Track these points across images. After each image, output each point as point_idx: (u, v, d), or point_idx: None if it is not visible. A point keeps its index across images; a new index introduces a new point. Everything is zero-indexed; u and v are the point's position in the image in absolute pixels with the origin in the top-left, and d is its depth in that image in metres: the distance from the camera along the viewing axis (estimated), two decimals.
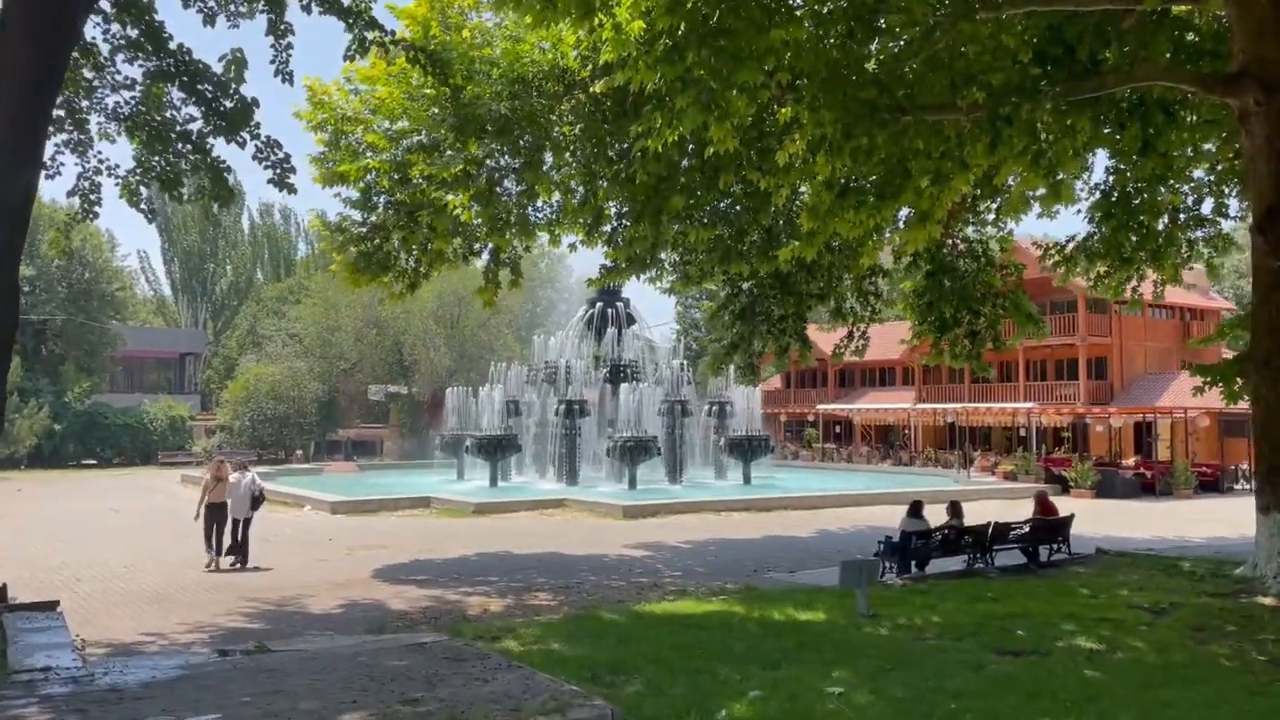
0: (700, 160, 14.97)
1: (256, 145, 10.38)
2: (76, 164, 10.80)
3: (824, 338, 28.21)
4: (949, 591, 12.59)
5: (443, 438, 37.55)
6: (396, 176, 16.58)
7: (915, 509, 15.05)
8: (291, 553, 18.31)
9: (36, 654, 7.65)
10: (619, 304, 37.19)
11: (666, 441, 33.17)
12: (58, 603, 9.57)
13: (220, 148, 12.35)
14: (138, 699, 6.64)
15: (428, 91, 15.91)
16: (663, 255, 17.84)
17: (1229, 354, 49.50)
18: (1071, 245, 19.69)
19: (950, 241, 20.26)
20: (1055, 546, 15.98)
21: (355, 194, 17.16)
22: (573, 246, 16.80)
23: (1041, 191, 15.56)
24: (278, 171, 10.64)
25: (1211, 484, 32.23)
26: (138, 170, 10.76)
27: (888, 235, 16.63)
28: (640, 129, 12.33)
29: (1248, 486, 34.12)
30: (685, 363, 36.35)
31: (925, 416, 45.56)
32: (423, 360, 54.15)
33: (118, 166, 11.06)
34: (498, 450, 33.04)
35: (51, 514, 25.74)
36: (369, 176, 16.80)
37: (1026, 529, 15.57)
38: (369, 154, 16.79)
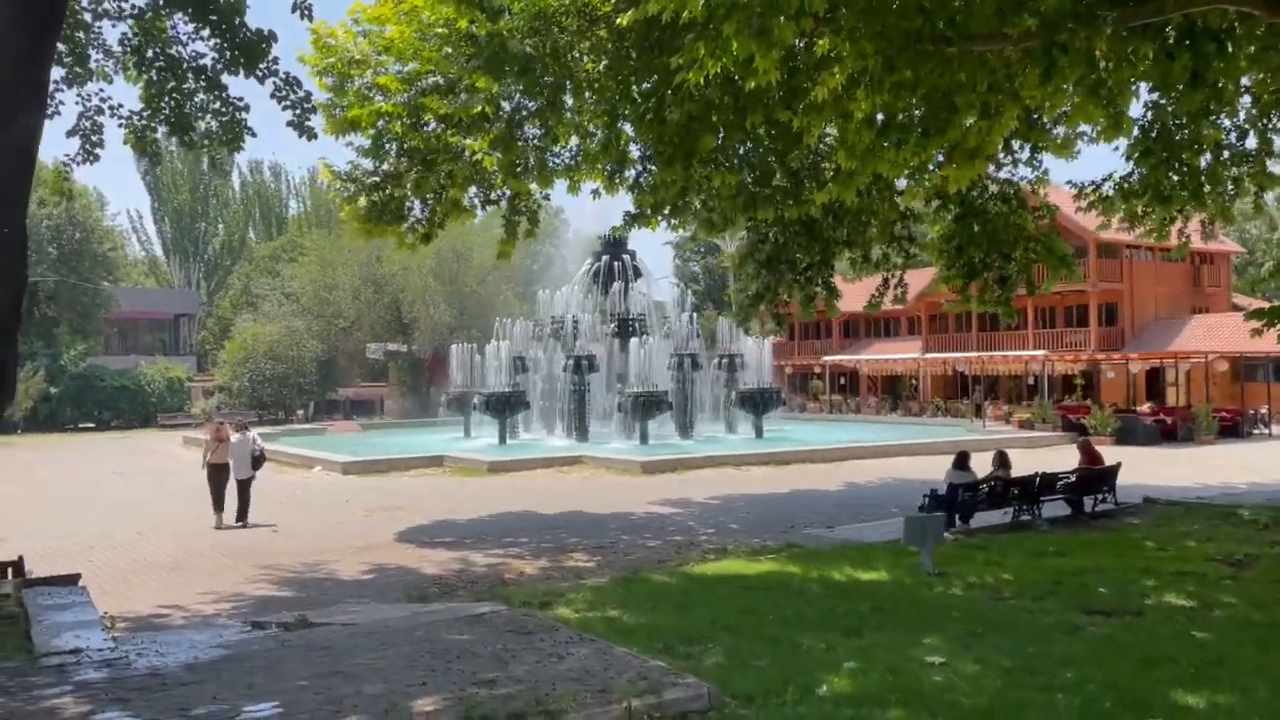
0: (733, 98, 14.19)
1: (275, 82, 9.58)
2: (77, 102, 9.99)
3: (844, 288, 27.53)
4: (1007, 546, 12.06)
5: (448, 395, 36.91)
6: (409, 121, 15.74)
7: (961, 460, 14.49)
8: (308, 515, 17.73)
9: (64, 634, 7.03)
10: (625, 256, 36.34)
11: (677, 396, 32.56)
12: (79, 576, 8.96)
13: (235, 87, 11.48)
14: (183, 685, 6.03)
15: (440, 30, 15.04)
16: (691, 201, 17.07)
17: (1240, 299, 48.99)
18: (1108, 185, 18.97)
19: (981, 183, 19.53)
20: (1100, 496, 15.45)
21: (366, 142, 16.30)
22: (596, 193, 15.96)
23: (1076, 130, 14.78)
24: (298, 112, 9.86)
25: (1232, 429, 31.81)
26: (145, 111, 9.94)
27: (931, 173, 15.86)
28: (680, 60, 11.52)
29: (1268, 431, 33.81)
30: (694, 315, 35.59)
31: (934, 366, 45.02)
32: (422, 318, 53.30)
33: (121, 106, 10.27)
34: (506, 407, 32.43)
35: (54, 479, 25.09)
36: (380, 123, 15.94)
37: (1073, 479, 15.02)
38: (379, 98, 15.94)
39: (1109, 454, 24.09)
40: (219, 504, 16.54)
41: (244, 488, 16.93)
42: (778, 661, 6.78)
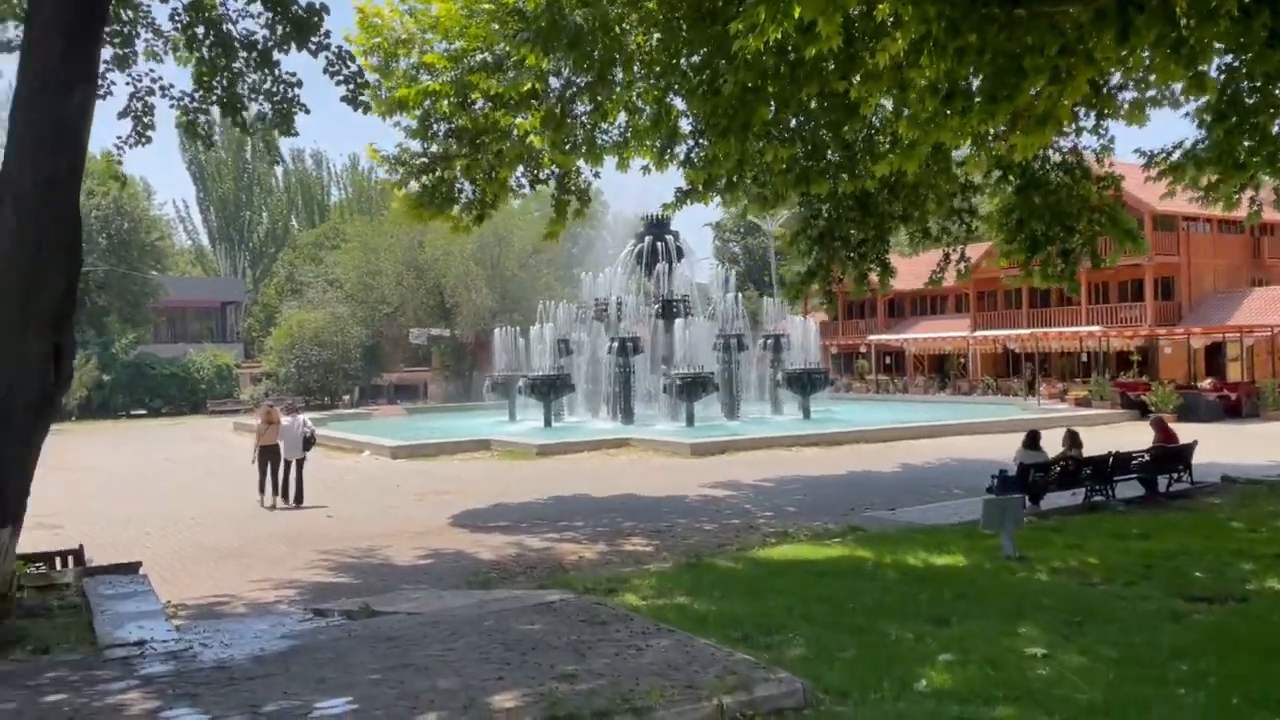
0: (789, 68, 13.73)
1: (328, 56, 9.30)
2: (128, 83, 9.78)
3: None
4: (1084, 528, 11.56)
5: (493, 379, 36.77)
6: (457, 100, 15.44)
7: (1033, 439, 13.98)
8: (360, 500, 17.60)
9: (127, 625, 6.84)
10: (669, 237, 35.89)
11: (722, 377, 32.15)
12: (139, 564, 8.81)
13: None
14: (251, 678, 5.79)
15: (487, 6, 14.71)
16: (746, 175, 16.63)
17: None
18: (1178, 153, 18.25)
19: (1042, 153, 18.88)
20: (1175, 475, 14.85)
21: (413, 123, 16.03)
22: (646, 170, 15.56)
23: (1145, 95, 14.14)
24: (351, 87, 9.57)
25: None
26: (196, 92, 9.70)
27: (994, 142, 15.28)
28: (740, 25, 11.08)
29: None
30: (738, 295, 35.09)
31: (983, 344, 44.14)
32: (464, 302, 53.28)
33: (172, 86, 10.04)
34: (551, 390, 32.19)
35: (109, 465, 25.28)
36: (427, 103, 15.66)
37: (1148, 457, 14.45)
38: (425, 78, 15.66)
39: (1175, 432, 23.30)
40: (264, 485, 17.17)
41: (297, 469, 17.30)
42: (867, 653, 6.41)
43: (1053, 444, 14.98)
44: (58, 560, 9.10)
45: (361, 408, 47.77)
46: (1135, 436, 15.46)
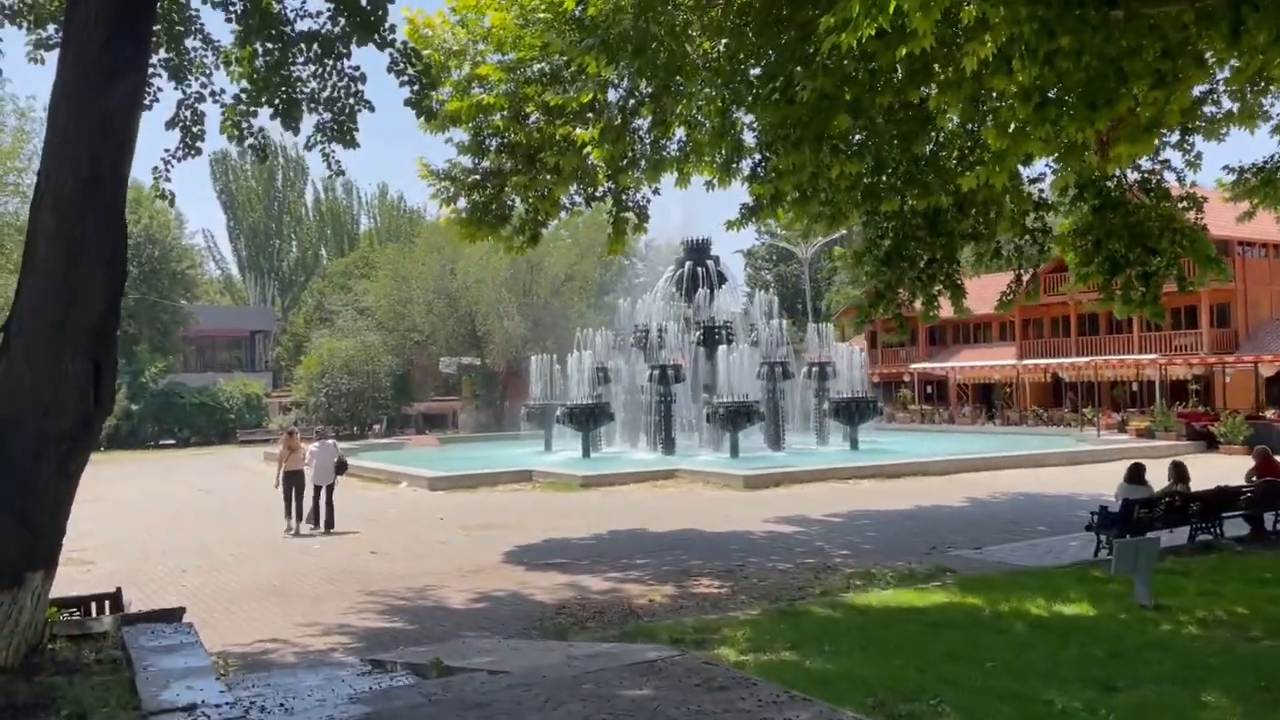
0: (868, 75, 12.91)
1: (392, 53, 8.57)
2: (176, 89, 9.07)
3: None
4: (1210, 572, 10.52)
5: (529, 408, 35.97)
6: (510, 114, 14.74)
7: (1137, 473, 12.94)
8: (405, 534, 16.73)
9: (174, 685, 5.98)
10: (709, 262, 35.14)
11: (767, 406, 31.19)
12: (183, 610, 7.97)
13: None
14: None
15: (543, 14, 14.03)
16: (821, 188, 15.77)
17: None
18: (1255, 171, 17.29)
19: (1118, 171, 17.93)
20: None
21: (465, 137, 15.36)
22: (709, 185, 14.72)
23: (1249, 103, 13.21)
24: (416, 88, 8.83)
25: None
26: (251, 92, 8.97)
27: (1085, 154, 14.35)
28: (833, 20, 10.25)
29: None
30: (782, 321, 34.17)
31: (1032, 373, 42.90)
32: (496, 330, 52.66)
33: (222, 92, 9.33)
34: (591, 420, 31.31)
35: (140, 497, 24.58)
36: (479, 117, 14.96)
37: (1256, 493, 13.38)
38: (477, 90, 14.97)
39: (1241, 464, 22.09)
40: (290, 511, 17.14)
41: (328, 494, 17.34)
42: None
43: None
44: (93, 605, 8.27)
45: (393, 437, 47.06)
46: (1205, 471, 14.39)
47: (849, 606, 9.51)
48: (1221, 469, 17.83)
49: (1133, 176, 18.44)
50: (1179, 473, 13.22)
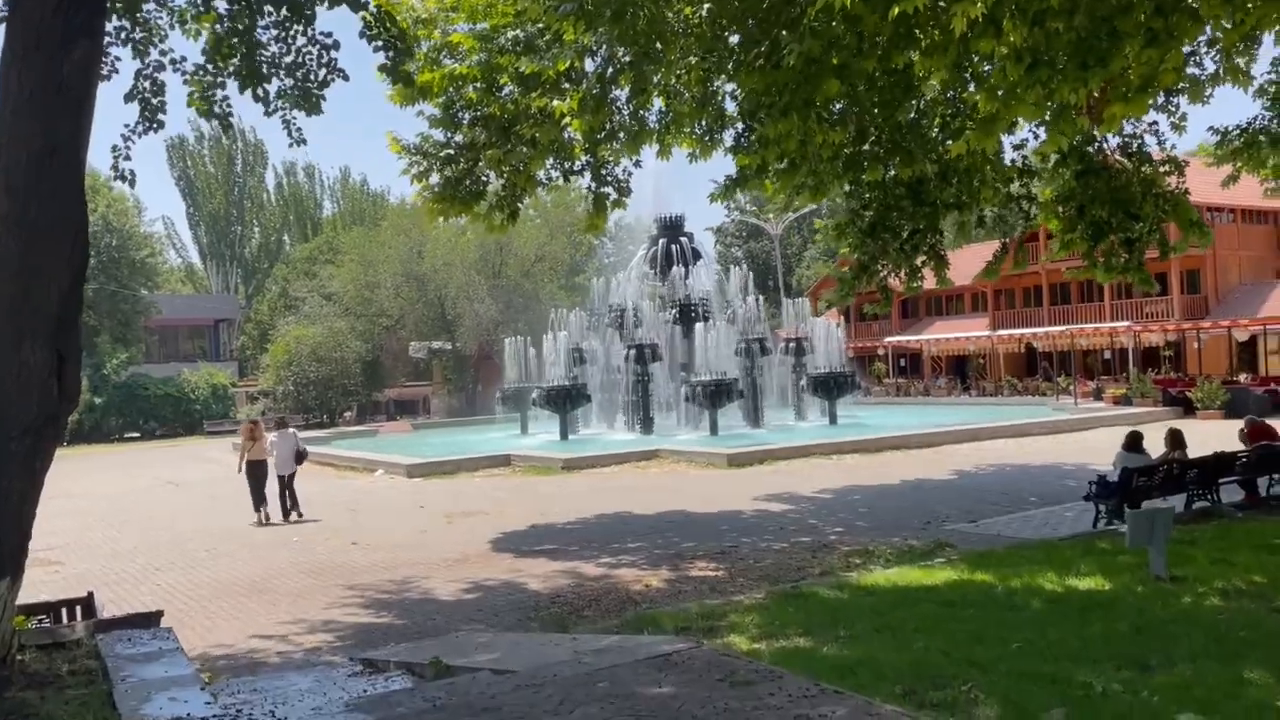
0: (855, 38, 12.53)
1: (366, 16, 8.06)
2: (134, 58, 8.50)
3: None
4: (1215, 540, 10.34)
5: (503, 391, 35.48)
6: (484, 85, 14.22)
7: (1134, 442, 12.75)
8: (384, 524, 16.28)
9: (155, 697, 5.55)
10: (684, 239, 34.69)
11: (745, 383, 30.90)
12: (161, 614, 7.52)
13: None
14: None
15: None
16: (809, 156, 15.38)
17: None
18: (1239, 133, 17.19)
19: (1101, 137, 17.71)
20: (1275, 477, 13.67)
21: (436, 111, 14.80)
22: (692, 157, 14.31)
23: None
24: (390, 54, 8.33)
25: None
26: (214, 61, 8.43)
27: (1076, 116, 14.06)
28: None
29: None
30: (759, 297, 33.83)
31: (1006, 343, 42.97)
32: (466, 313, 51.91)
33: (184, 60, 8.77)
34: (568, 401, 30.88)
35: (108, 493, 23.88)
36: (452, 88, 14.42)
37: (1252, 459, 13.25)
38: (448, 61, 14.43)
39: (1219, 429, 22.09)
40: (259, 502, 16.96)
41: (289, 483, 17.29)
42: (1085, 715, 5.16)
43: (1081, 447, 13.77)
44: (65, 612, 7.80)
45: (365, 425, 46.39)
46: (1187, 436, 14.24)
47: (856, 587, 9.22)
48: (1202, 434, 17.72)
49: (1114, 141, 18.24)
50: (1176, 440, 13.05)
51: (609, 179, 15.56)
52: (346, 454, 27.84)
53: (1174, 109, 17.46)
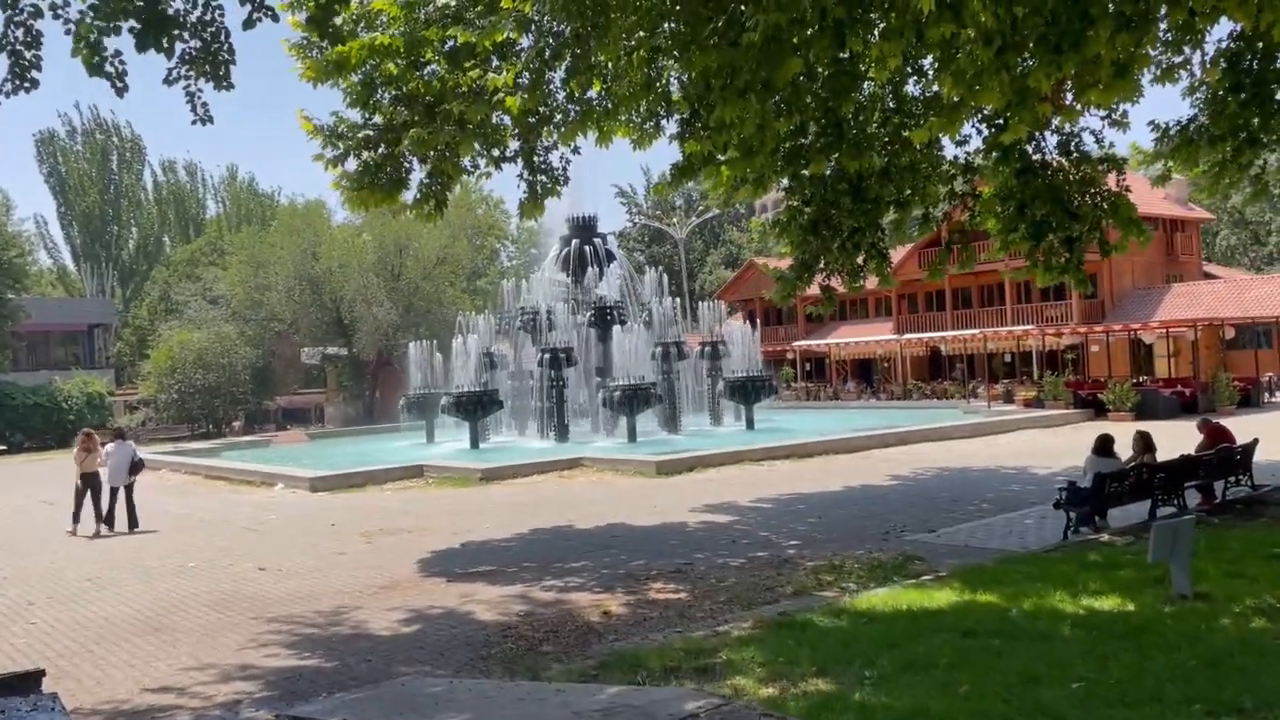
0: (818, 13, 11.68)
1: None
2: (4, 10, 6.97)
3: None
4: (1213, 550, 9.72)
5: (408, 398, 33.78)
6: (407, 60, 12.90)
7: (1105, 446, 12.21)
8: (294, 545, 14.69)
9: None
10: (597, 240, 33.62)
11: (663, 387, 29.99)
12: (42, 673, 6.03)
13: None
14: None
15: None
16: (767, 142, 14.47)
17: (1212, 268, 48.23)
18: (1178, 130, 17.03)
19: (1039, 135, 17.37)
20: (1233, 480, 13.37)
21: (353, 91, 13.37)
22: (637, 143, 13.26)
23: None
24: (317, 4, 7.00)
25: (1246, 398, 30.41)
26: (101, 7, 6.97)
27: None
28: None
29: (1277, 399, 32.64)
30: (675, 300, 32.99)
31: (913, 347, 43.21)
32: (364, 317, 49.71)
33: (66, 4, 7.27)
34: (479, 408, 29.43)
35: None
36: (370, 63, 13.02)
37: (1214, 460, 12.89)
38: (365, 34, 13.03)
39: (1130, 428, 22.15)
40: (79, 515, 16.75)
41: (127, 495, 17.01)
42: None
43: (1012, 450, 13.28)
44: None
45: (256, 434, 43.83)
46: (1094, 438, 13.92)
47: (852, 612, 8.27)
48: (1121, 435, 17.48)
49: (1053, 140, 17.89)
50: (1145, 442, 12.60)
51: (543, 167, 14.38)
52: (240, 466, 25.88)
53: (1114, 108, 17.19)
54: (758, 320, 53.79)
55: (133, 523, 16.84)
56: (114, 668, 8.67)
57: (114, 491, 16.91)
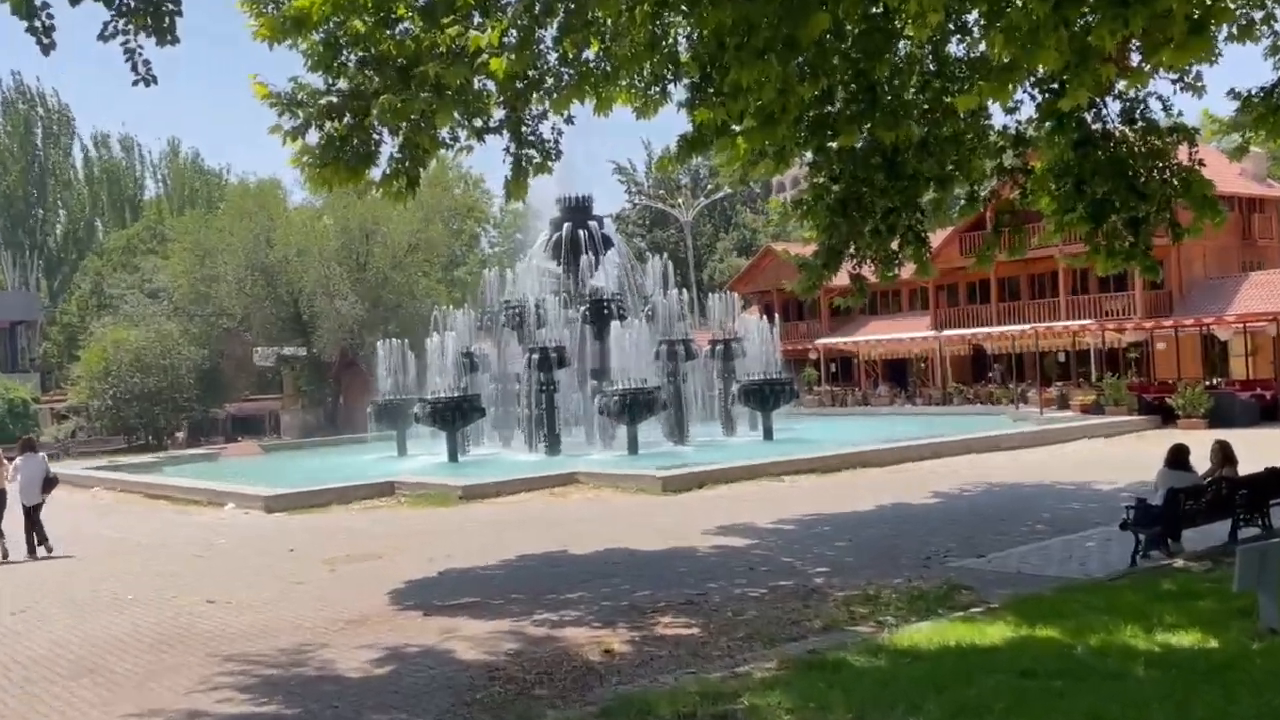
0: None
1: None
2: None
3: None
4: None
5: (377, 404, 33.87)
6: (376, 17, 12.87)
7: (1179, 458, 12.18)
8: (248, 573, 14.65)
9: None
10: (592, 224, 33.60)
11: (669, 392, 29.98)
12: None
13: None
14: None
15: None
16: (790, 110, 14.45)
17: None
18: (1262, 96, 17.00)
19: (1101, 101, 17.34)
20: None
21: (314, 52, 13.32)
22: (640, 112, 13.22)
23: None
24: None
25: None
26: None
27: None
28: None
29: None
30: (681, 291, 32.99)
31: (954, 345, 43.20)
32: (325, 312, 49.65)
33: None
34: (459, 416, 29.44)
35: None
36: (334, 20, 12.99)
37: None
38: None
39: (1203, 437, 22.10)
40: None
41: (35, 515, 17.04)
42: None
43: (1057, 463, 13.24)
44: None
45: (203, 446, 43.85)
46: (1163, 448, 13.87)
47: (892, 650, 8.23)
48: (1195, 446, 17.39)
49: (1116, 107, 17.87)
50: (1225, 454, 12.57)
51: (532, 139, 14.34)
52: (185, 483, 25.87)
53: (1187, 70, 17.14)
54: (776, 315, 53.63)
55: (41, 544, 16.91)
56: (42, 718, 8.62)
57: (27, 511, 16.94)
